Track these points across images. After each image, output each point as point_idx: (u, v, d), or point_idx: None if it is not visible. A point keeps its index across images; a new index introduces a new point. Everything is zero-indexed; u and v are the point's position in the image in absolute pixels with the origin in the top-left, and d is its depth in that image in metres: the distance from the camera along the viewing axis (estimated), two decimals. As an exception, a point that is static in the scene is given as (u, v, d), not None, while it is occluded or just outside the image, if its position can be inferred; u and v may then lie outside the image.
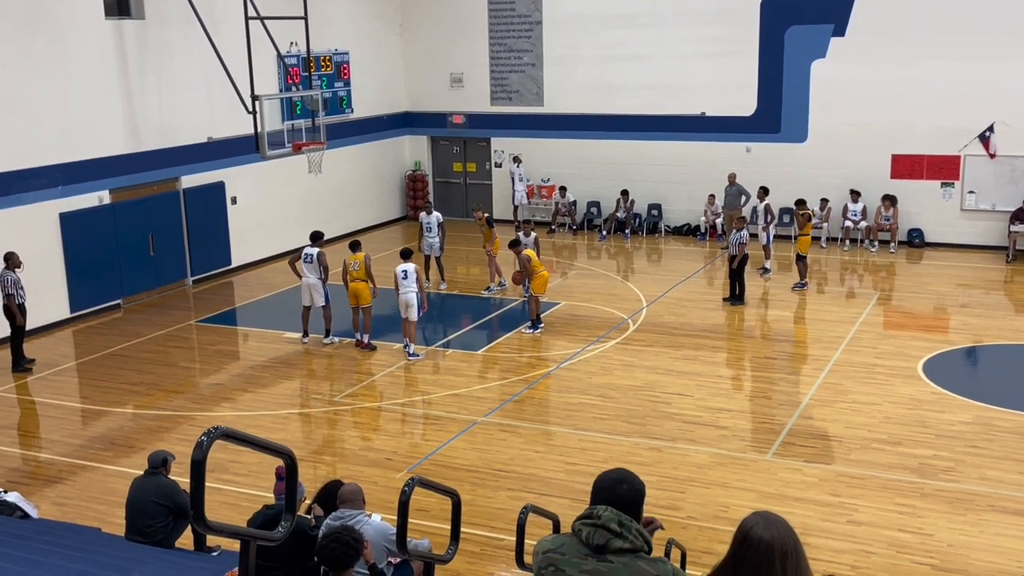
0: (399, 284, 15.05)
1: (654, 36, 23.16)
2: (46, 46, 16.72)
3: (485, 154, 26.01)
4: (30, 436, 12.97)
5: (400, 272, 15.08)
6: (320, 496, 7.55)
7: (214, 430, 3.84)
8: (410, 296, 14.98)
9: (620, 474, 3.73)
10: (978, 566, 8.93)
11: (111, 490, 10.69)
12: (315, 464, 11.54)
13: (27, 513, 8.77)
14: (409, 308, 14.99)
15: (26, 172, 16.58)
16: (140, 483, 8.34)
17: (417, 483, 6.15)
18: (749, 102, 22.63)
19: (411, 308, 14.99)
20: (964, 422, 12.21)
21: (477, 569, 9.03)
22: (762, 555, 3.08)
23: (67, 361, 15.74)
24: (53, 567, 6.18)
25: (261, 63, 18.90)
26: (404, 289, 15.00)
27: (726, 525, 9.52)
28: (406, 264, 15.18)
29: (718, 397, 13.34)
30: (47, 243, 16.97)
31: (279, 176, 21.54)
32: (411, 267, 15.16)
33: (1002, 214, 21.04)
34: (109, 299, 18.32)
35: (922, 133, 21.31)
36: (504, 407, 13.15)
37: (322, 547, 5.80)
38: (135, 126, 18.58)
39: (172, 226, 19.56)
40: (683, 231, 23.89)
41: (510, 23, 24.69)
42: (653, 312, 17.33)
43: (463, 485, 10.26)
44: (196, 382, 14.73)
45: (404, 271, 15.07)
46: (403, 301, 15.04)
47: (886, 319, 16.99)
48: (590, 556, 3.60)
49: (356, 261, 15.43)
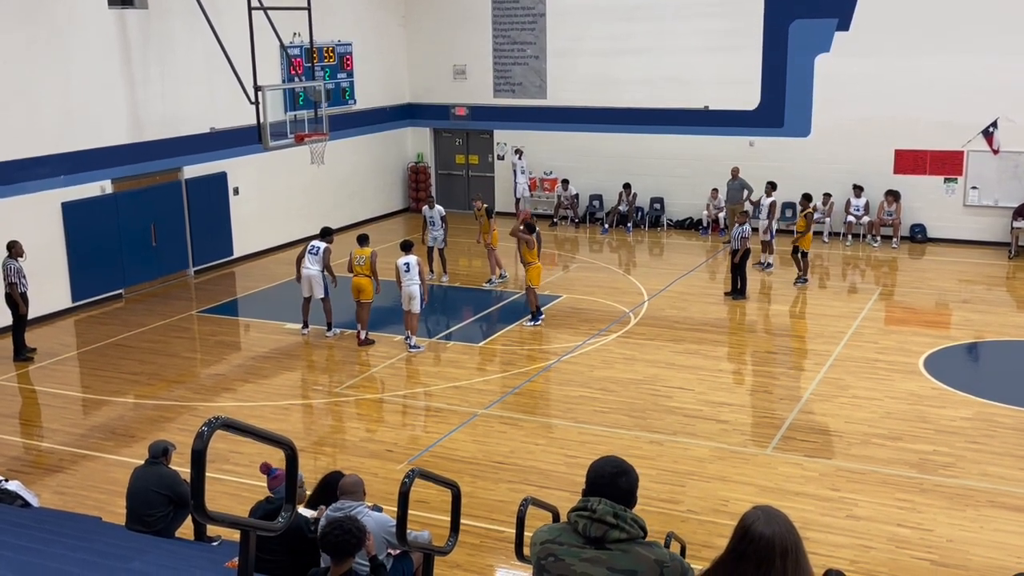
0: (401, 277, 15.03)
1: (658, 29, 23.11)
2: (49, 35, 16.70)
3: (488, 146, 25.98)
4: (31, 425, 12.99)
5: (402, 265, 15.06)
6: (320, 488, 7.55)
7: (215, 420, 3.85)
8: (413, 288, 14.98)
9: (618, 466, 3.74)
10: (978, 561, 8.94)
11: (112, 479, 10.71)
12: (315, 455, 11.56)
13: (28, 502, 8.78)
14: (412, 300, 14.99)
15: (28, 161, 16.58)
16: (141, 473, 8.35)
17: (417, 475, 6.16)
18: (752, 96, 22.59)
19: (414, 300, 14.99)
20: (965, 418, 12.21)
21: (477, 561, 9.04)
22: (763, 550, 3.08)
23: (68, 350, 15.75)
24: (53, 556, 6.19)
25: (264, 54, 18.87)
26: (407, 282, 14.99)
27: (726, 519, 9.53)
28: (408, 256, 15.15)
29: (719, 391, 13.34)
30: (49, 232, 16.97)
31: (281, 167, 21.52)
32: (413, 259, 15.15)
33: (1005, 210, 21.01)
34: (111, 289, 18.33)
35: (925, 128, 21.27)
36: (505, 399, 13.16)
37: (324, 534, 5.81)
38: (138, 116, 18.56)
39: (174, 216, 19.56)
40: (685, 225, 23.87)
41: (514, 15, 24.65)
42: (655, 306, 17.33)
43: (463, 477, 10.28)
44: (197, 372, 14.75)
45: (406, 264, 15.05)
46: (406, 294, 15.02)
47: (888, 314, 16.99)
48: (588, 545, 3.64)
49: (362, 256, 15.34)
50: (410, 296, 14.99)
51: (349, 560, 5.82)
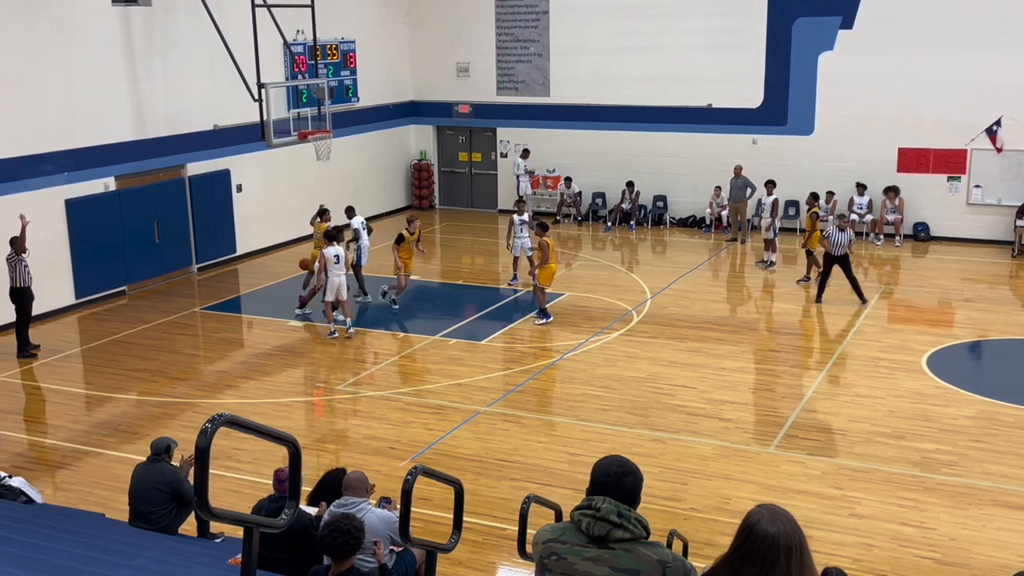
0: (331, 268, 15.41)
1: (661, 27, 23.09)
2: (53, 32, 16.71)
3: (491, 144, 25.97)
4: (34, 421, 13.00)
5: (333, 256, 15.48)
6: (321, 484, 7.56)
7: (218, 417, 3.85)
8: (343, 278, 15.57)
9: (624, 465, 3.73)
10: (980, 560, 8.93)
11: (115, 476, 10.72)
12: (318, 452, 11.57)
13: (31, 498, 8.80)
14: (342, 288, 15.53)
15: (32, 158, 16.60)
16: (143, 470, 8.35)
17: (420, 472, 6.16)
18: (756, 94, 22.57)
19: (343, 288, 15.56)
20: (968, 416, 12.20)
21: (479, 558, 9.05)
22: (767, 549, 3.07)
23: (72, 347, 15.76)
24: (56, 552, 6.20)
25: (267, 51, 18.88)
26: (337, 272, 15.46)
27: (728, 517, 9.53)
28: (337, 248, 15.69)
29: (722, 389, 13.33)
30: (53, 229, 16.97)
31: (284, 164, 21.53)
32: (341, 251, 15.79)
33: (1008, 208, 20.98)
34: (114, 286, 18.34)
35: (929, 127, 21.24)
36: (508, 397, 13.16)
37: (323, 536, 5.81)
38: (141, 113, 18.57)
39: (177, 213, 19.56)
40: (688, 223, 23.86)
41: (517, 13, 24.63)
42: (657, 304, 17.32)
43: (466, 474, 10.27)
44: (200, 369, 14.76)
45: (337, 255, 15.55)
46: (336, 283, 15.47)
47: (891, 313, 16.97)
48: (591, 544, 3.64)
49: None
50: (340, 285, 15.54)
51: (350, 559, 5.83)
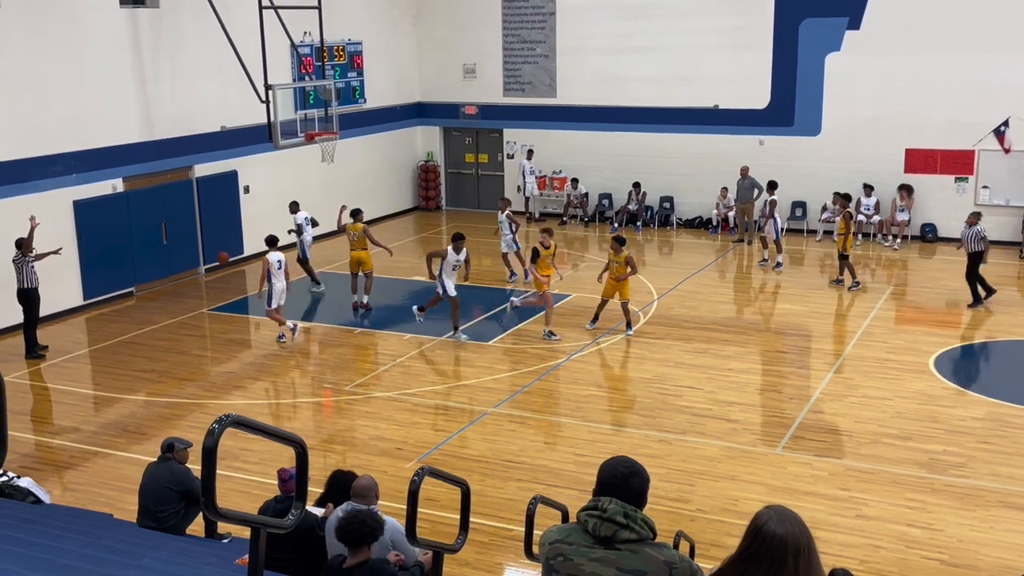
0: (274, 273, 15.42)
1: (667, 28, 23.08)
2: (61, 34, 16.76)
3: (497, 145, 25.98)
4: (43, 422, 13.04)
5: (275, 261, 15.53)
6: (328, 485, 7.55)
7: (225, 418, 3.86)
8: (284, 284, 15.68)
9: (631, 466, 3.74)
10: (988, 562, 8.92)
11: (123, 476, 10.75)
12: (325, 453, 11.58)
13: (39, 498, 8.80)
14: (284, 294, 15.70)
15: (40, 159, 16.65)
16: (154, 468, 8.39)
17: (427, 473, 6.16)
18: (762, 95, 22.55)
19: (284, 294, 15.72)
20: (975, 418, 12.18)
21: (486, 559, 9.06)
22: (775, 550, 3.07)
23: (80, 348, 15.81)
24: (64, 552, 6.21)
25: (274, 52, 18.90)
26: (279, 278, 15.53)
27: (735, 518, 9.53)
28: (280, 254, 15.81)
29: (728, 390, 13.32)
30: (61, 230, 17.01)
31: (292, 165, 21.56)
32: (283, 256, 15.84)
33: (1016, 209, 20.93)
34: (122, 287, 18.39)
35: (936, 127, 21.20)
36: (514, 398, 13.16)
37: (342, 525, 5.84)
38: (149, 115, 18.62)
39: (185, 215, 19.61)
40: (695, 224, 23.84)
41: (523, 14, 24.64)
42: (664, 305, 17.31)
43: (473, 475, 10.28)
44: (208, 370, 14.79)
45: (280, 260, 15.63)
46: (279, 289, 15.54)
47: (898, 314, 16.94)
48: (597, 545, 3.64)
49: (355, 232, 16.98)
50: (283, 291, 15.63)
51: (366, 550, 5.84)
